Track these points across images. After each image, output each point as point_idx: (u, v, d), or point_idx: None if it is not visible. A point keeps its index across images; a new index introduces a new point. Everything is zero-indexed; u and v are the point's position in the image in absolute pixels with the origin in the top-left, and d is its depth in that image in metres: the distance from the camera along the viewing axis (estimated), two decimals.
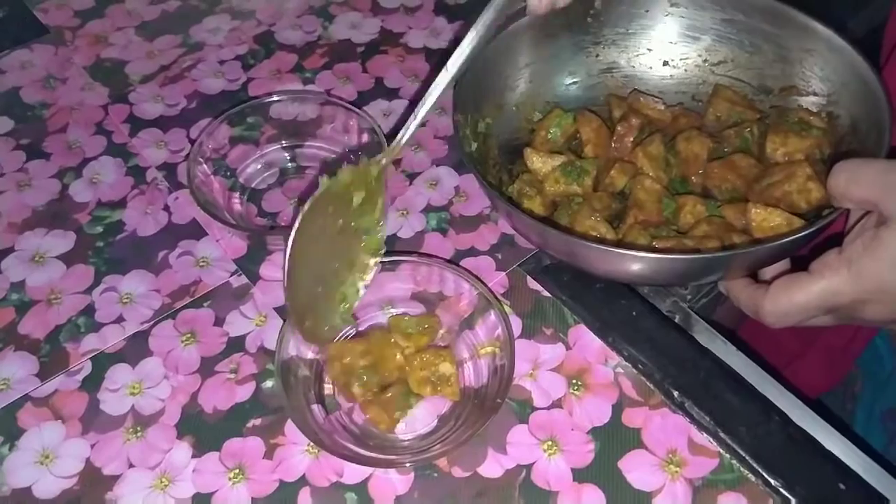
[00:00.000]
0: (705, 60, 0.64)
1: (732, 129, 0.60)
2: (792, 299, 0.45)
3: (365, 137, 0.65)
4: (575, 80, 0.65)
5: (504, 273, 0.59)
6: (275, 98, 0.66)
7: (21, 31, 0.80)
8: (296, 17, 0.81)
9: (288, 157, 0.67)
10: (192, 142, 0.69)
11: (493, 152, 0.61)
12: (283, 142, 0.67)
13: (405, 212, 0.64)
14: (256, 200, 0.65)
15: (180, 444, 0.51)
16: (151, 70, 0.76)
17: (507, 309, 0.57)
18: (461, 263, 0.60)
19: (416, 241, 0.62)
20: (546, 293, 0.58)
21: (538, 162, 0.59)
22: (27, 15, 0.82)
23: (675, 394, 0.53)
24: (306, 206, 0.46)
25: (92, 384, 0.54)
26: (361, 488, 0.49)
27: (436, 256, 0.59)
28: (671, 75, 0.65)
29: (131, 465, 0.50)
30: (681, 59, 0.65)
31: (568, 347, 0.55)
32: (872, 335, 0.71)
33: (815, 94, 0.59)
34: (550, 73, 0.65)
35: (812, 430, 0.52)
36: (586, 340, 0.56)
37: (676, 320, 0.58)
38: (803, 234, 0.47)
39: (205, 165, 0.63)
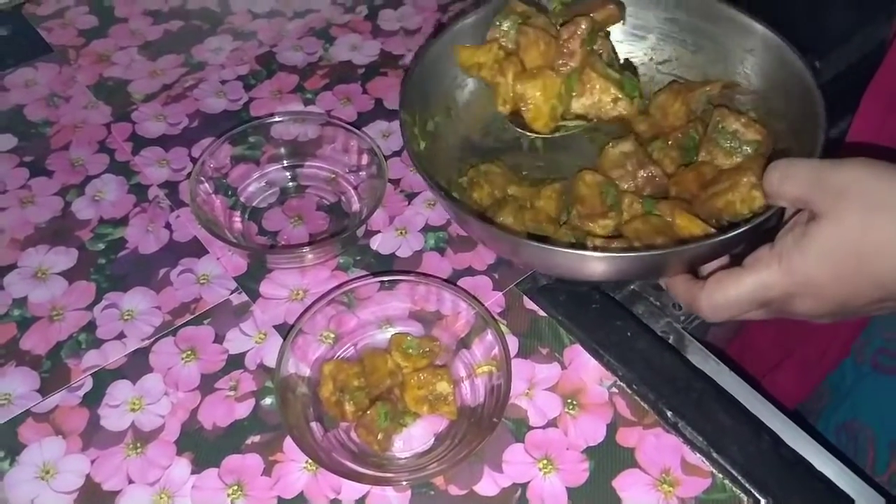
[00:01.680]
0: (651, 59, 0.66)
1: (679, 130, 0.60)
2: (725, 293, 0.47)
3: (364, 158, 0.66)
4: None
5: (501, 293, 0.60)
6: (276, 118, 0.67)
7: (25, 50, 0.81)
8: (297, 39, 0.82)
9: (289, 177, 0.68)
10: (194, 160, 0.70)
11: (444, 151, 0.61)
12: (284, 161, 0.68)
13: (404, 231, 0.65)
14: (257, 219, 0.66)
15: (180, 460, 0.52)
16: (154, 89, 0.77)
17: (503, 328, 0.58)
18: (459, 283, 0.61)
19: (415, 260, 0.63)
20: (542, 313, 0.59)
21: None
22: (31, 33, 0.83)
23: (669, 414, 0.53)
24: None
25: (93, 400, 0.55)
26: None
27: (434, 276, 0.60)
28: None
29: (131, 481, 0.51)
30: (626, 57, 0.66)
31: (563, 367, 0.56)
32: (846, 351, 0.72)
33: (754, 91, 0.61)
34: None
35: (801, 448, 0.52)
36: (582, 360, 0.56)
37: (670, 341, 0.59)
38: (733, 234, 0.48)
39: (206, 184, 0.64)
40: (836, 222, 0.43)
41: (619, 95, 0.58)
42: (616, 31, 0.65)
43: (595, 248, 0.54)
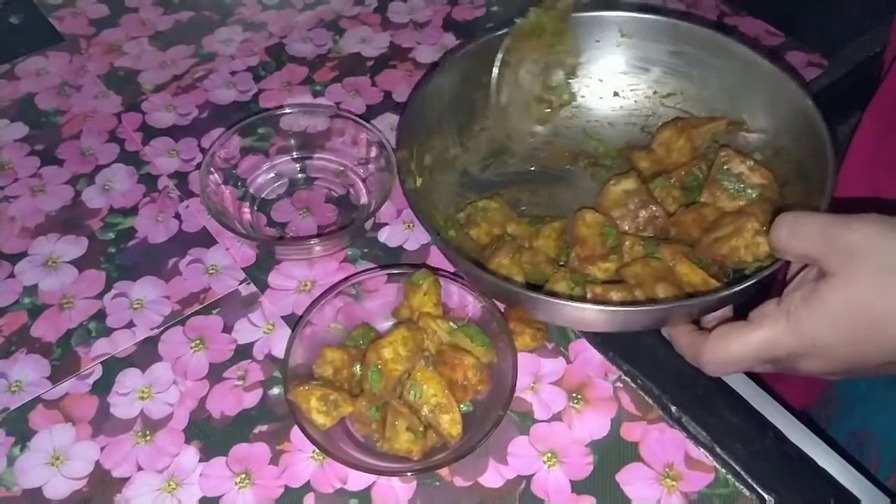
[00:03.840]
0: (655, 92, 0.65)
1: (683, 168, 0.60)
2: (730, 349, 0.45)
3: (373, 151, 0.66)
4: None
5: None
6: (286, 110, 0.68)
7: (36, 39, 0.81)
8: (307, 31, 0.83)
9: (298, 169, 0.69)
10: (204, 151, 0.70)
11: (442, 185, 0.61)
12: (293, 153, 0.69)
13: (411, 224, 0.65)
14: (266, 210, 0.66)
15: (188, 448, 0.52)
16: (164, 79, 0.77)
17: None
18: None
19: (422, 253, 0.63)
20: None
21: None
22: (42, 22, 0.83)
23: (673, 409, 0.54)
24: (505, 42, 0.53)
25: (102, 388, 0.55)
26: (365, 495, 0.50)
27: (441, 269, 0.61)
28: (621, 106, 0.66)
29: (140, 468, 0.52)
30: (630, 90, 0.65)
31: (569, 361, 0.56)
32: None
33: (761, 130, 0.60)
34: (500, 104, 0.64)
35: (805, 446, 0.53)
36: (587, 355, 0.57)
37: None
38: (739, 289, 0.47)
39: (216, 175, 0.64)
40: (847, 284, 0.41)
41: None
42: (620, 64, 0.65)
43: (594, 300, 0.52)
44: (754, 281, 0.48)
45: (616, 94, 0.65)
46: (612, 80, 0.65)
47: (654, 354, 0.56)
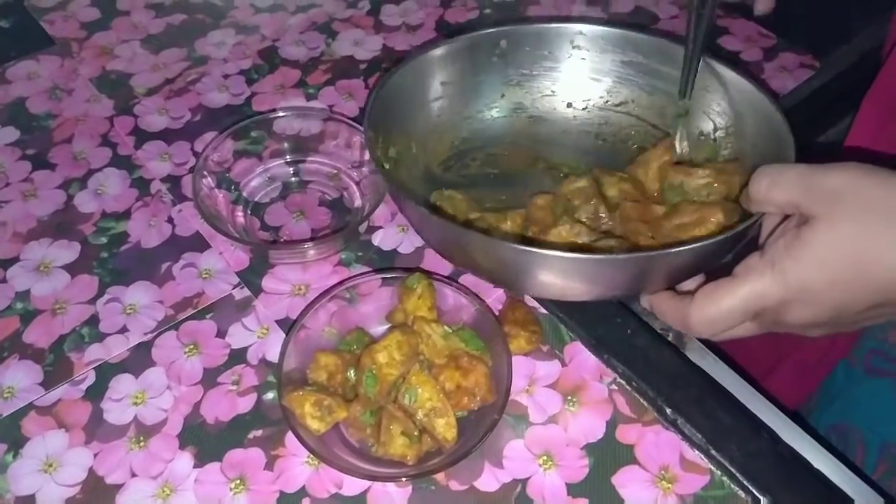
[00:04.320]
0: (607, 101, 0.65)
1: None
2: (719, 305, 0.45)
3: (367, 154, 0.66)
4: (482, 116, 0.65)
5: (502, 289, 0.61)
6: (279, 113, 0.68)
7: (27, 42, 0.81)
8: (299, 33, 0.82)
9: (291, 172, 0.69)
10: (196, 155, 0.70)
11: (406, 180, 0.60)
12: (287, 157, 0.69)
13: (405, 227, 0.65)
14: (259, 214, 0.66)
15: (182, 454, 0.52)
16: (156, 83, 0.77)
17: None
18: (460, 279, 0.61)
19: (416, 256, 0.63)
20: (543, 310, 0.59)
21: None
22: (33, 26, 0.83)
23: (668, 411, 0.54)
24: None
25: (95, 394, 0.55)
26: (360, 500, 0.50)
27: (435, 272, 0.60)
28: (574, 116, 0.66)
29: (134, 475, 0.51)
30: (583, 101, 0.65)
31: (564, 364, 0.56)
32: (844, 353, 0.72)
33: (716, 128, 0.60)
34: (459, 109, 0.64)
35: (799, 447, 0.53)
36: (582, 357, 0.57)
37: (669, 338, 0.60)
38: (723, 237, 0.46)
39: (209, 178, 0.64)
40: (831, 226, 0.41)
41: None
42: (572, 75, 0.65)
43: (559, 246, 0.52)
44: (734, 231, 0.47)
45: (569, 104, 0.66)
46: (564, 92, 0.66)
47: (648, 357, 0.56)
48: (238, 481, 0.51)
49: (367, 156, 0.66)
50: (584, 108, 0.65)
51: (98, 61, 0.79)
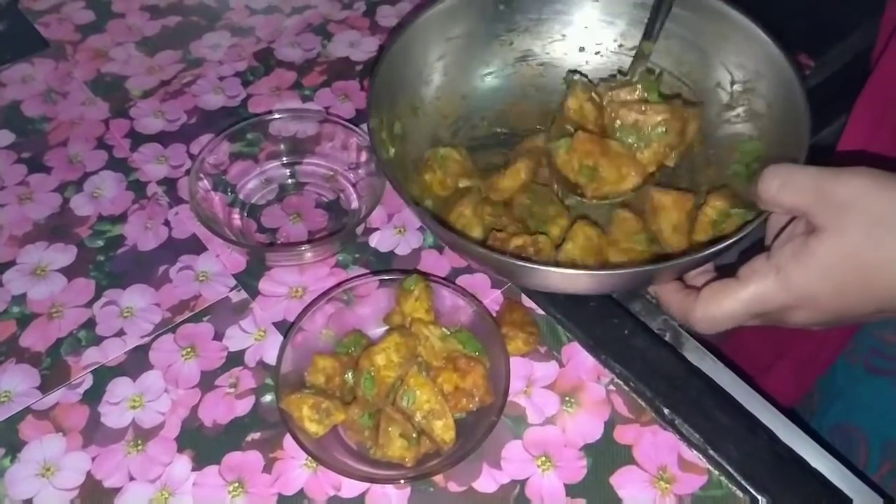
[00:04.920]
0: (620, 45, 0.63)
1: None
2: (721, 306, 0.46)
3: (363, 155, 0.66)
4: (490, 70, 0.65)
5: (499, 291, 0.61)
6: (275, 115, 0.67)
7: (22, 45, 0.81)
8: (295, 35, 0.82)
9: (287, 174, 0.69)
10: (192, 157, 0.70)
11: (413, 153, 0.60)
12: (283, 159, 0.69)
13: (402, 229, 0.65)
14: (256, 216, 0.66)
15: (180, 457, 0.52)
16: (152, 85, 0.77)
17: None
18: (457, 281, 0.61)
19: (413, 258, 0.63)
20: (540, 311, 0.59)
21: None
22: (28, 28, 0.83)
23: (666, 411, 0.54)
24: None
25: (93, 397, 0.55)
26: (359, 502, 0.50)
27: (432, 274, 0.60)
28: (587, 61, 0.64)
29: (132, 478, 0.51)
30: (595, 45, 0.64)
31: (561, 365, 0.57)
32: (839, 351, 0.72)
33: (733, 81, 0.59)
34: (465, 65, 0.64)
35: (797, 447, 0.53)
36: (579, 358, 0.57)
37: (667, 338, 0.60)
38: (731, 241, 0.47)
39: (205, 181, 0.64)
40: (837, 237, 0.42)
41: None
42: (584, 18, 0.63)
43: (579, 266, 0.53)
44: (742, 234, 0.47)
45: (582, 49, 0.64)
46: (576, 36, 0.64)
47: (646, 357, 0.56)
48: (236, 484, 0.51)
49: (363, 157, 0.66)
50: (596, 53, 0.64)
51: (93, 64, 0.79)
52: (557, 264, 0.54)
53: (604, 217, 0.59)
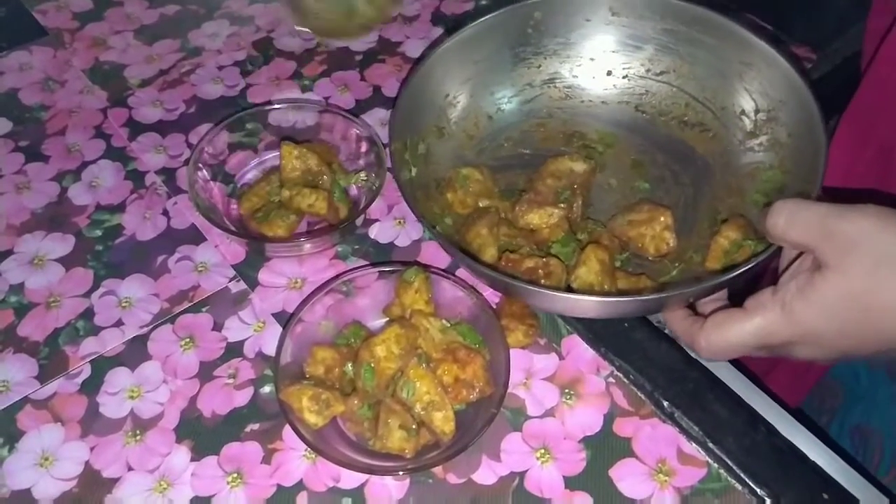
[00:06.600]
0: (648, 70, 0.64)
1: None
2: (726, 337, 0.46)
3: (364, 146, 0.66)
4: (516, 91, 0.65)
5: None
6: (274, 105, 0.67)
7: (20, 33, 0.80)
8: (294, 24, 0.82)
9: None
10: (191, 147, 0.70)
11: (435, 172, 0.61)
12: None
13: (402, 220, 0.65)
14: None
15: (179, 448, 0.52)
16: (150, 74, 0.77)
17: None
18: (457, 273, 0.61)
19: (413, 249, 0.63)
20: None
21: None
22: (26, 16, 0.82)
23: (665, 404, 0.54)
24: None
25: (91, 387, 0.55)
26: (358, 493, 0.50)
27: (432, 266, 0.60)
28: (614, 85, 0.65)
29: (130, 469, 0.51)
30: (623, 69, 0.65)
31: (561, 358, 0.56)
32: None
33: (757, 109, 0.60)
34: (491, 87, 0.64)
35: (796, 440, 0.53)
36: (579, 351, 0.57)
37: (666, 331, 0.59)
38: (738, 272, 0.48)
39: (204, 171, 0.63)
40: (842, 276, 0.42)
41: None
42: (611, 42, 0.64)
43: (592, 292, 0.53)
44: (750, 266, 0.48)
45: (609, 73, 0.65)
46: (603, 59, 0.65)
47: (645, 350, 0.56)
48: (235, 475, 0.51)
49: (363, 147, 0.66)
50: (624, 77, 0.65)
51: (91, 52, 0.79)
52: (569, 288, 0.54)
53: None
